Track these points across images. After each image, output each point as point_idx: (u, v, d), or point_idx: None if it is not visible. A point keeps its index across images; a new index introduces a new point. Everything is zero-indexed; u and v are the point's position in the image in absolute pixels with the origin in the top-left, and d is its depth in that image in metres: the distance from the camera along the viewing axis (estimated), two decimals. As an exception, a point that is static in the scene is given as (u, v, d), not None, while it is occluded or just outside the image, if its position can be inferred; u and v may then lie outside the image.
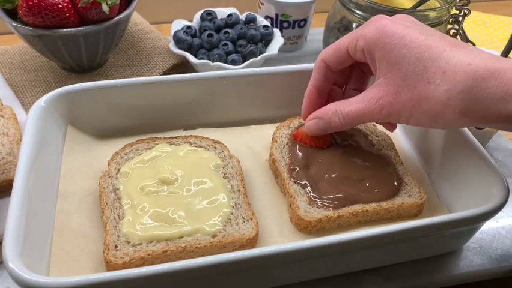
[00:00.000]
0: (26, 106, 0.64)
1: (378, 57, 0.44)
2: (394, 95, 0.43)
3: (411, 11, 0.68)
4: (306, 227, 0.48)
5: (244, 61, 0.69)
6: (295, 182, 0.51)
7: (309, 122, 0.51)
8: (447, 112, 0.40)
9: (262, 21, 0.76)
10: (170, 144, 0.54)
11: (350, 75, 0.54)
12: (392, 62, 0.43)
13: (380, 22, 0.44)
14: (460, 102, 0.39)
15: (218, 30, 0.73)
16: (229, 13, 0.75)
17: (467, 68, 0.39)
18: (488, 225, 0.55)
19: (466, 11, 0.71)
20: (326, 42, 0.77)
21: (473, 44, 0.77)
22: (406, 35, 0.42)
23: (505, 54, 0.62)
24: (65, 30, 0.59)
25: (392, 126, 0.52)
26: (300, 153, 0.53)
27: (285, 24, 0.79)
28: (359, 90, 0.53)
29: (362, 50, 0.46)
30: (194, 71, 0.70)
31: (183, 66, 0.73)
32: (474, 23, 0.88)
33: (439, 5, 0.69)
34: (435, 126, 0.43)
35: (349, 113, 0.47)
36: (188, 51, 0.70)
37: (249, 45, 0.71)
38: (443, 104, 0.40)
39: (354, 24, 0.71)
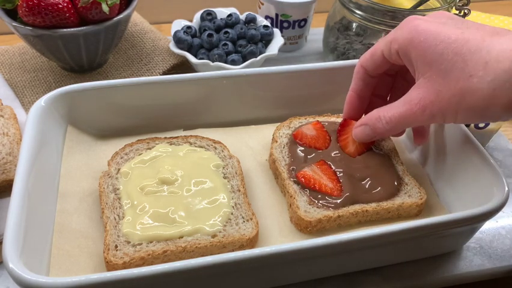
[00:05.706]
0: (26, 106, 0.64)
1: (415, 57, 0.42)
2: (436, 94, 0.41)
3: (412, 11, 0.68)
4: (306, 227, 0.48)
5: (244, 61, 0.69)
6: (295, 182, 0.51)
7: (356, 130, 0.51)
8: (494, 104, 0.37)
9: (262, 21, 0.76)
10: (170, 144, 0.54)
11: (392, 85, 0.53)
12: (429, 60, 0.41)
13: (412, 23, 0.43)
14: (508, 91, 0.36)
15: (218, 30, 0.73)
16: (229, 13, 0.75)
17: (511, 55, 0.37)
18: (488, 225, 0.55)
19: (466, 11, 0.71)
20: (326, 42, 0.77)
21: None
22: (441, 31, 0.41)
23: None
24: (65, 30, 0.59)
25: (422, 138, 0.52)
26: (300, 153, 0.53)
27: (285, 24, 0.79)
28: None
29: (396, 52, 0.45)
30: (194, 71, 0.70)
31: (183, 66, 0.73)
32: (474, 23, 0.88)
33: (439, 5, 0.69)
34: (484, 120, 0.41)
35: (392, 117, 0.45)
36: (188, 51, 0.70)
37: (249, 45, 0.71)
38: (489, 96, 0.37)
39: (354, 24, 0.71)
